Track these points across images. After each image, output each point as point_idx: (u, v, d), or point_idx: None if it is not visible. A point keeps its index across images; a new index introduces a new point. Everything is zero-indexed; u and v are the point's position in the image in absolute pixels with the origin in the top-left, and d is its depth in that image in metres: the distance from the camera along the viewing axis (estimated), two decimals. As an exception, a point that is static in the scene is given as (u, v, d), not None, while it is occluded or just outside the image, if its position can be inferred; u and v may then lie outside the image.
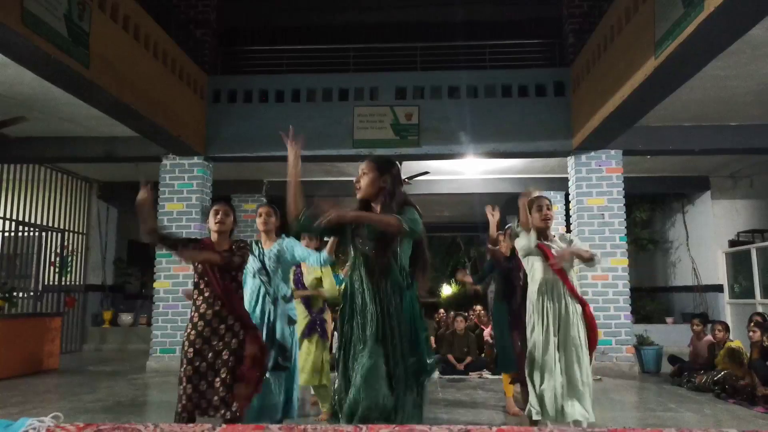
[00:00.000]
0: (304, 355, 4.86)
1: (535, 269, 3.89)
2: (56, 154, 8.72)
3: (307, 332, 4.95)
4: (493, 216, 4.83)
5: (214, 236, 3.54)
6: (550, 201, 3.94)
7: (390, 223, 2.55)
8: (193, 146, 7.93)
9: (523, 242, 3.91)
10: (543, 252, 3.83)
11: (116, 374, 7.86)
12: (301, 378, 4.65)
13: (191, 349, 3.29)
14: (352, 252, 2.73)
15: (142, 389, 6.72)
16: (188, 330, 3.37)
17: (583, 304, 3.81)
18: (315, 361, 4.93)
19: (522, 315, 4.19)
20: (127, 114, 6.43)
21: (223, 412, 3.25)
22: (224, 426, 1.44)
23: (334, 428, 1.27)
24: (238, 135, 8.27)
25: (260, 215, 4.20)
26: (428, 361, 2.61)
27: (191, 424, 1.51)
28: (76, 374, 7.94)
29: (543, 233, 3.89)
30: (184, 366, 3.29)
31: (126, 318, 11.72)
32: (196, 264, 3.41)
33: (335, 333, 6.94)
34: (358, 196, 2.77)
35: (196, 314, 3.36)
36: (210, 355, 3.28)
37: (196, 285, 3.45)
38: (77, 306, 10.99)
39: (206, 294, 3.38)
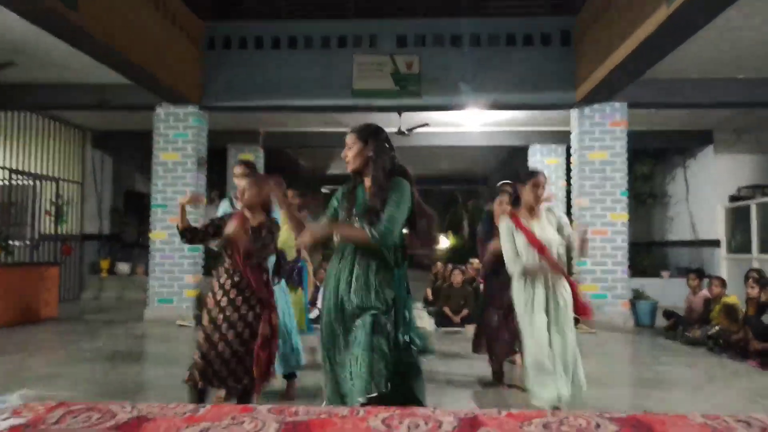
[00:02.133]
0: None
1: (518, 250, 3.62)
2: (47, 102, 8.52)
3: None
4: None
5: (246, 210, 3.42)
6: (546, 179, 3.70)
7: (358, 237, 2.51)
8: (187, 95, 7.73)
9: (504, 229, 3.69)
10: (526, 235, 3.59)
11: (114, 324, 7.90)
12: None
13: (207, 317, 3.27)
14: (337, 238, 2.65)
15: (140, 339, 6.76)
16: (209, 296, 3.34)
17: (571, 285, 3.59)
18: (300, 309, 5.01)
19: (503, 292, 4.16)
20: (117, 60, 6.22)
21: (231, 385, 3.22)
22: (208, 407, 1.38)
23: (328, 411, 1.21)
24: (234, 84, 8.06)
25: (236, 175, 4.03)
26: (418, 341, 2.59)
27: (173, 404, 1.44)
28: (74, 323, 7.99)
29: (532, 210, 3.66)
30: (200, 332, 3.29)
31: (123, 267, 11.74)
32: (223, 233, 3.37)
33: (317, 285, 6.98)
34: (348, 169, 2.67)
35: (217, 283, 3.33)
36: (225, 325, 3.22)
37: (223, 252, 3.40)
38: (74, 255, 10.98)
39: (227, 263, 3.33)
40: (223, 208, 4.25)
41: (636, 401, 4.23)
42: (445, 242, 24.43)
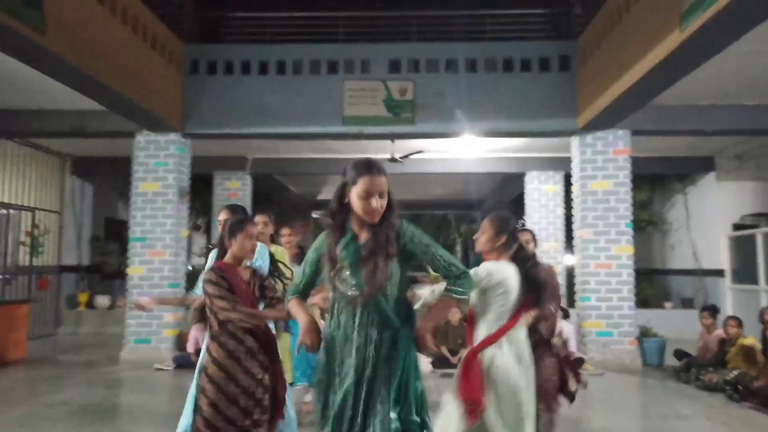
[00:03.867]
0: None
1: None
2: (20, 129, 8.05)
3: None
4: None
5: (232, 259, 2.94)
6: (485, 223, 3.14)
7: (449, 307, 2.35)
8: (168, 121, 7.30)
9: None
10: None
11: (88, 366, 7.33)
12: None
13: (222, 374, 2.74)
14: (333, 294, 2.23)
15: (112, 388, 6.21)
16: (213, 369, 2.76)
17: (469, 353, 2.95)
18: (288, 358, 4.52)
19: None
20: (90, 86, 5.78)
21: None
22: None
23: None
24: (219, 110, 7.64)
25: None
26: (417, 420, 2.13)
27: None
28: (44, 366, 7.42)
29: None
30: (208, 394, 2.73)
31: (103, 300, 11.17)
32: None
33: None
34: (376, 220, 2.17)
35: (224, 352, 2.78)
36: (243, 398, 2.73)
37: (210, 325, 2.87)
38: (51, 288, 10.43)
39: (232, 327, 2.79)
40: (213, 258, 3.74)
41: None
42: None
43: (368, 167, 2.16)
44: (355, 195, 2.14)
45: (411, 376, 2.18)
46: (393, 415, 2.09)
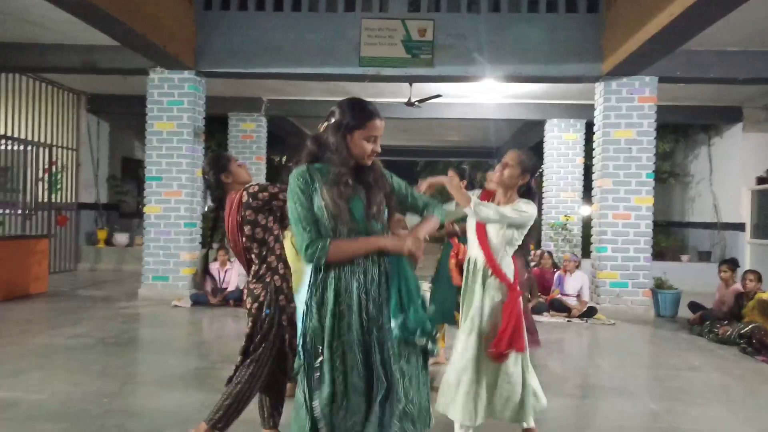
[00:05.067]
0: None
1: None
2: (31, 63, 7.93)
3: None
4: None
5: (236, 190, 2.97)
6: (512, 158, 3.00)
7: (437, 225, 2.25)
8: (181, 59, 7.14)
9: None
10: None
11: (106, 301, 7.50)
12: None
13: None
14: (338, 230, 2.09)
15: (130, 322, 6.34)
16: (276, 290, 2.85)
17: (510, 290, 2.92)
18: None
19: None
20: (97, 17, 5.58)
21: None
22: None
23: None
24: (232, 47, 7.46)
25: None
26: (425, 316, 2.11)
27: None
28: (64, 299, 7.59)
29: (506, 194, 3.04)
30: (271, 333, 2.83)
31: (121, 238, 11.33)
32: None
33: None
34: (369, 162, 2.18)
35: (279, 277, 2.86)
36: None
37: (267, 252, 2.87)
38: (70, 225, 10.58)
39: (279, 251, 2.92)
40: None
41: (667, 419, 3.78)
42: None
43: (374, 111, 2.12)
44: (360, 138, 2.09)
45: (413, 287, 2.10)
46: (393, 323, 2.05)
